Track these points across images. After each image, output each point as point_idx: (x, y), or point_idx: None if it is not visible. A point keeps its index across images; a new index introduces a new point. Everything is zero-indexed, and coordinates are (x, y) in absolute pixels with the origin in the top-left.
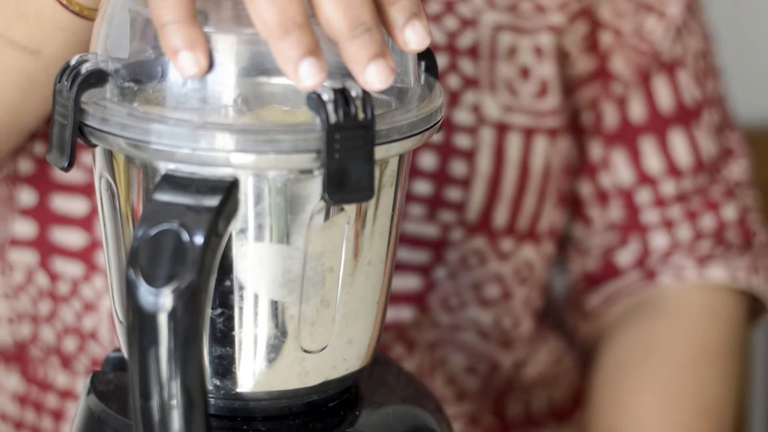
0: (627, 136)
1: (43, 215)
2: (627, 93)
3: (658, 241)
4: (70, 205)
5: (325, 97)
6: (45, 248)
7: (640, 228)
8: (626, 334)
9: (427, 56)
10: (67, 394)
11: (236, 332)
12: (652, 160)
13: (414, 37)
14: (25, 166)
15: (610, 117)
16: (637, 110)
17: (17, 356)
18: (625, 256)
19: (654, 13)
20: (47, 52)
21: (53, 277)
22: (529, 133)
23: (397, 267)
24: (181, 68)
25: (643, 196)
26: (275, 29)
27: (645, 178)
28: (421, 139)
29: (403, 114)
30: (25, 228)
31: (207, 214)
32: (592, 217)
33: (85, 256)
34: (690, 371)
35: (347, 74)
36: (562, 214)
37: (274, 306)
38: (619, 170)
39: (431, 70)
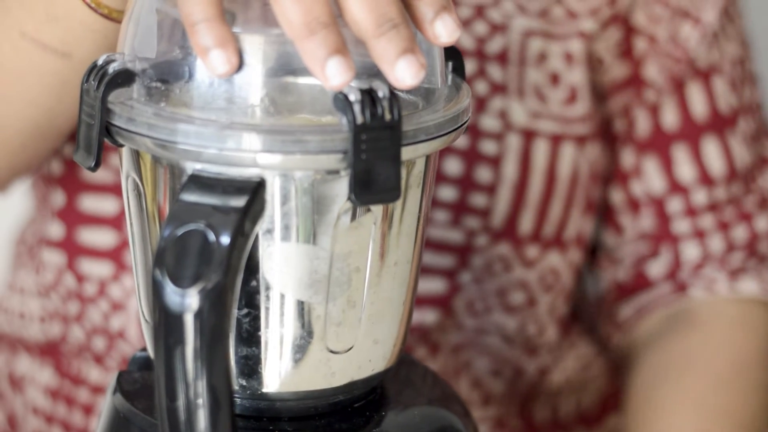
0: (659, 143)
1: (72, 216)
2: (660, 100)
3: (690, 252)
4: (100, 205)
5: (352, 97)
6: (72, 249)
7: (671, 238)
8: (660, 349)
9: (454, 56)
10: (99, 389)
11: (262, 332)
12: (685, 168)
13: (444, 31)
14: (55, 167)
15: (643, 124)
16: (670, 118)
17: (51, 351)
18: (657, 268)
19: (690, 19)
20: (78, 54)
21: (80, 278)
22: (556, 140)
23: (422, 270)
24: (212, 67)
25: (675, 205)
26: (301, 29)
27: (677, 187)
28: (448, 139)
29: (430, 114)
30: (54, 229)
31: (233, 215)
32: (623, 226)
33: (115, 255)
34: (725, 386)
35: (374, 75)
36: (591, 221)
37: (301, 306)
38: (650, 178)
39: (458, 70)
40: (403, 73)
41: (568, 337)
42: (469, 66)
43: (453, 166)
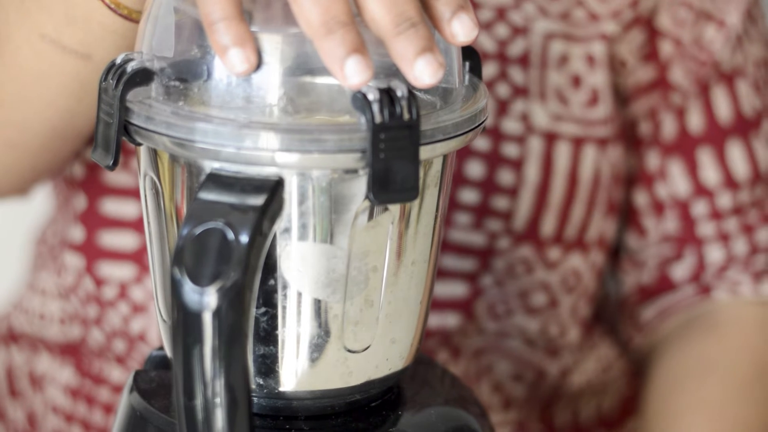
0: (685, 146)
1: (93, 219)
2: (686, 103)
3: (714, 254)
4: (122, 208)
5: (371, 96)
6: (92, 253)
7: (695, 241)
8: (679, 352)
9: (471, 56)
10: (120, 389)
11: (280, 331)
12: (709, 171)
13: (461, 30)
14: (77, 170)
15: (669, 127)
16: (695, 121)
17: (72, 351)
18: (681, 270)
19: (713, 21)
20: (98, 55)
21: (98, 282)
22: (578, 143)
23: (444, 274)
24: (230, 65)
25: (699, 208)
26: (319, 28)
27: (701, 190)
28: (466, 139)
29: (447, 114)
30: (75, 232)
31: (252, 213)
32: (647, 228)
33: (138, 257)
34: (742, 394)
35: (392, 74)
36: (613, 223)
37: (318, 305)
38: (675, 181)
39: (475, 70)
40: (422, 72)
41: (590, 338)
42: (491, 69)
43: (475, 169)
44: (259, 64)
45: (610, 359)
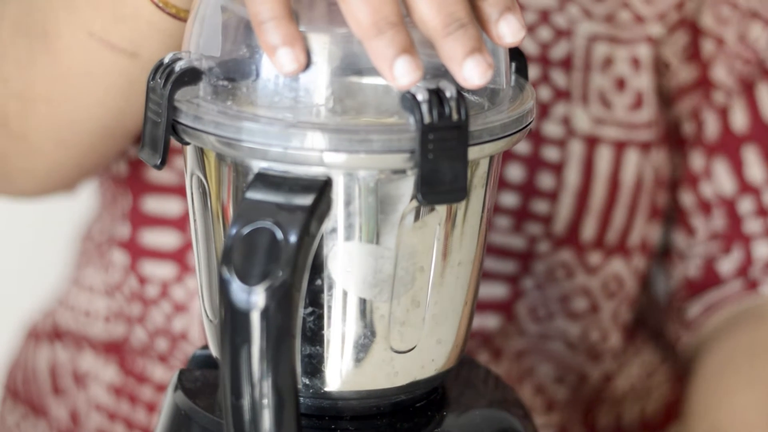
0: (729, 145)
1: (136, 218)
2: (729, 102)
3: (761, 250)
4: (165, 206)
5: (420, 97)
6: (136, 251)
7: (743, 237)
8: (728, 339)
9: (517, 57)
10: (163, 388)
11: (326, 331)
12: (755, 169)
13: (508, 31)
14: (122, 168)
15: (712, 126)
16: (739, 119)
17: (115, 349)
18: (728, 265)
19: (760, 20)
20: (145, 54)
21: (142, 280)
22: (620, 147)
23: (484, 275)
24: (279, 65)
25: (746, 206)
26: (369, 28)
27: (747, 188)
28: (513, 140)
29: (495, 115)
30: (123, 230)
31: (300, 213)
32: (695, 227)
33: (179, 257)
34: None
35: (441, 75)
36: (657, 227)
37: (364, 305)
38: (721, 180)
39: (521, 71)
40: (471, 72)
41: (633, 343)
42: (533, 72)
43: (515, 173)
44: (307, 64)
45: (654, 364)
